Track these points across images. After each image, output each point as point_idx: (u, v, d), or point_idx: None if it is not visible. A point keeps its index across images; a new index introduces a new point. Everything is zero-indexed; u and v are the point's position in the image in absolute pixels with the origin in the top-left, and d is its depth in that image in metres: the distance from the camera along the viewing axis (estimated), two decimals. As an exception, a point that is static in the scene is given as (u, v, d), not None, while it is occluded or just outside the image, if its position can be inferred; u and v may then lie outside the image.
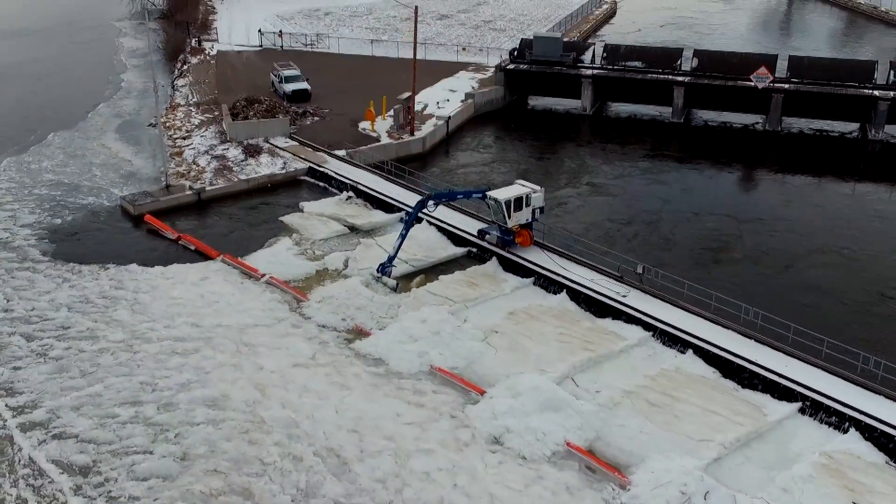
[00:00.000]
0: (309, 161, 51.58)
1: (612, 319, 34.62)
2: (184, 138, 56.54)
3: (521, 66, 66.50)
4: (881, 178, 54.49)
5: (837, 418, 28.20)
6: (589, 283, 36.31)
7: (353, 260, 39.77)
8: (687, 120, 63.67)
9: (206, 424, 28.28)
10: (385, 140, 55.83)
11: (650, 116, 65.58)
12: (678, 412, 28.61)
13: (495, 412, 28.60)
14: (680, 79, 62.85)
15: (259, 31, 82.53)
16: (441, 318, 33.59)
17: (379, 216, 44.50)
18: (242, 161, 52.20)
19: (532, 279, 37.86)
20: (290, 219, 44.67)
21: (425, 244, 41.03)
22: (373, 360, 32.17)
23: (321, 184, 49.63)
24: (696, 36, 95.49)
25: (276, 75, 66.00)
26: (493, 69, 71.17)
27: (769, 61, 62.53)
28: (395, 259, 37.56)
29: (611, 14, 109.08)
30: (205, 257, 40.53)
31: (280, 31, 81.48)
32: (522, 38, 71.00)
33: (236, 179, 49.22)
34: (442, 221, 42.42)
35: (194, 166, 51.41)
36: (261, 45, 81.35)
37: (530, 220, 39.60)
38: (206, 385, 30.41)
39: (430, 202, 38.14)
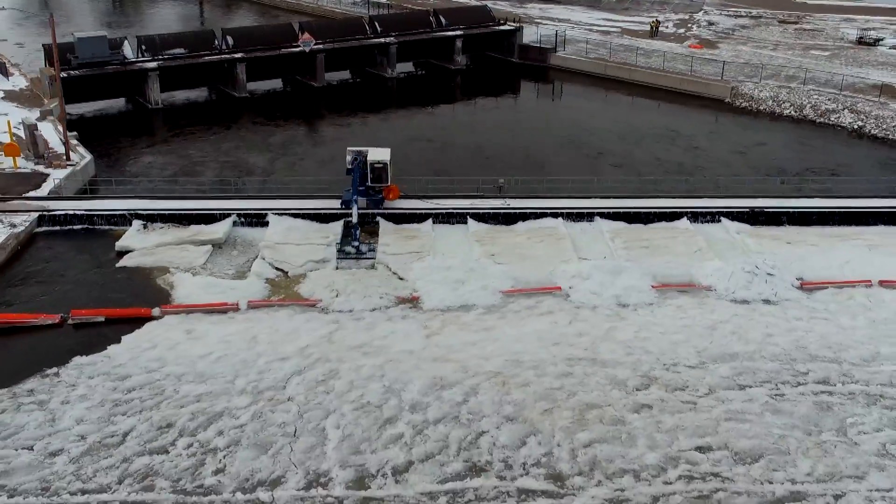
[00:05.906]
0: (27, 211, 42.82)
1: (524, 222, 43.30)
2: None
3: (73, 72, 61.02)
4: (446, 99, 70.35)
5: (710, 216, 43.94)
6: (478, 206, 43.82)
7: (275, 262, 38.84)
8: (250, 92, 68.52)
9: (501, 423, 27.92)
10: (57, 171, 48.22)
11: (215, 97, 68.35)
12: (669, 247, 40.02)
13: (592, 291, 36.28)
14: (239, 55, 66.99)
15: None
16: (460, 259, 38.19)
17: (217, 227, 41.83)
18: (-66, 237, 40.25)
19: (430, 220, 43.22)
20: (136, 260, 38.96)
21: (306, 232, 41.66)
22: (458, 308, 35.29)
23: (76, 227, 42.43)
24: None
25: None
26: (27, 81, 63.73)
27: (287, 30, 71.34)
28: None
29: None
30: (132, 323, 34.05)
31: None
32: (45, 44, 63.60)
33: (-18, 254, 38.76)
34: (287, 210, 43.15)
35: None
36: None
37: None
38: (417, 390, 29.50)
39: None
